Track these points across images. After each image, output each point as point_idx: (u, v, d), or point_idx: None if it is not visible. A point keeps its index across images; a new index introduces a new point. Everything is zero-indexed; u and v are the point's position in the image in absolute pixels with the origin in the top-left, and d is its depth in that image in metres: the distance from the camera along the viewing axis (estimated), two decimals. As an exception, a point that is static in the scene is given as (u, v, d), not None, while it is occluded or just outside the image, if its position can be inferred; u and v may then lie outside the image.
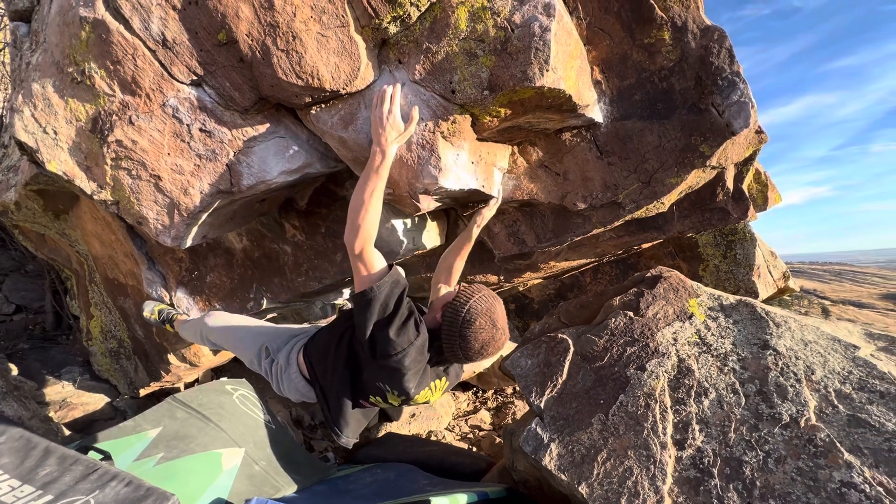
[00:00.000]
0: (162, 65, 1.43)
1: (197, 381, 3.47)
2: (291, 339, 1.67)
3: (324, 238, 2.07)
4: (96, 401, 2.91)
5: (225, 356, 2.94)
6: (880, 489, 1.61)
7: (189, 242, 1.73)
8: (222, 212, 1.74)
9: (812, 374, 1.99)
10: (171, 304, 2.32)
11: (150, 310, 2.24)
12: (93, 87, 1.46)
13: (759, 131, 1.82)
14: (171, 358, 2.65)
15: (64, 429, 2.64)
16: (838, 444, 1.76)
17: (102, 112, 1.48)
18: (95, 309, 2.89)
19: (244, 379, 2.93)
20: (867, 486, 1.63)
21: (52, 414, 2.71)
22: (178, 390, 3.11)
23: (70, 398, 2.85)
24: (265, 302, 2.21)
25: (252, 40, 1.37)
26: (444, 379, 1.54)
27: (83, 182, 1.56)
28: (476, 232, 1.78)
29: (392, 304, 1.30)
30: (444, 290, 1.60)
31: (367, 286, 1.30)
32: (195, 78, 1.45)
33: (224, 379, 2.85)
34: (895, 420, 1.76)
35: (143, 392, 2.93)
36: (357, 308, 1.35)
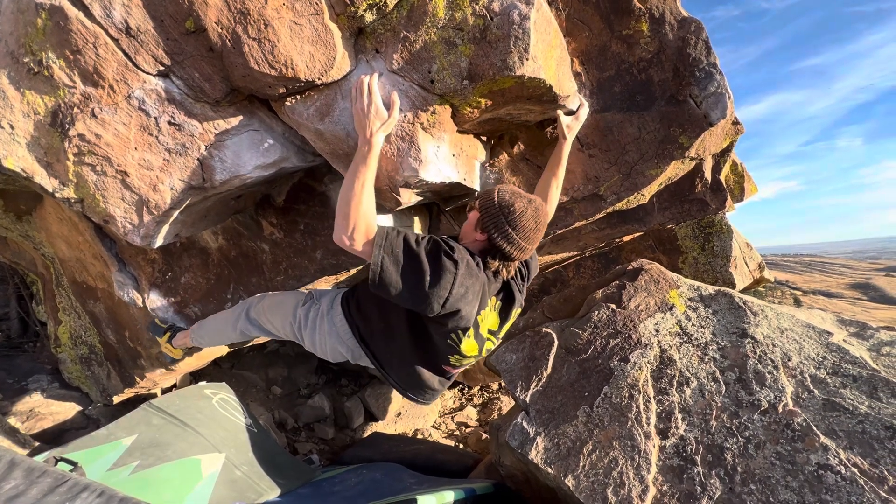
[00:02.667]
0: (126, 54, 1.36)
1: (174, 385, 3.37)
2: (336, 290, 1.67)
3: (303, 235, 2.02)
4: (67, 410, 2.79)
5: (204, 359, 2.86)
6: (855, 470, 1.66)
7: (160, 242, 1.66)
8: (195, 209, 1.68)
9: (788, 360, 2.04)
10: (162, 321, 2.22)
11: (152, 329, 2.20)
12: (51, 78, 1.38)
13: (736, 122, 1.84)
14: (146, 363, 2.55)
15: (32, 440, 2.52)
16: (815, 428, 1.80)
17: (63, 105, 1.40)
18: (63, 314, 2.77)
19: (224, 382, 2.85)
20: (842, 467, 1.67)
21: (18, 425, 2.59)
22: (154, 396, 3.00)
23: (38, 408, 2.72)
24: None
25: (222, 28, 1.31)
26: (496, 301, 1.49)
27: (43, 179, 1.48)
28: (567, 146, 1.69)
29: (406, 261, 1.25)
30: None
31: (372, 271, 1.25)
32: (162, 68, 1.39)
33: (203, 383, 2.77)
34: (867, 403, 1.82)
35: (116, 399, 2.82)
36: (383, 294, 1.30)
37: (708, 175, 1.98)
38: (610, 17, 1.67)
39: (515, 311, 1.55)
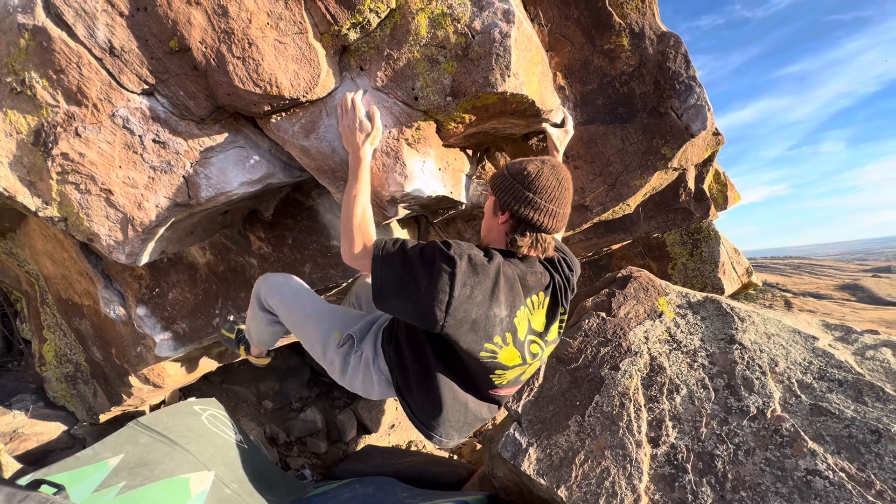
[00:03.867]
0: (110, 73, 1.36)
1: (163, 402, 3.32)
2: (372, 325, 1.44)
3: (291, 249, 2.02)
4: (52, 430, 2.73)
5: (193, 375, 2.82)
6: (843, 475, 1.67)
7: (146, 259, 1.65)
8: (181, 225, 1.67)
9: (776, 366, 2.06)
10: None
11: (227, 328, 2.08)
12: (34, 97, 1.38)
13: (717, 133, 1.88)
14: (133, 380, 2.52)
15: (15, 462, 2.46)
16: (802, 434, 1.82)
17: (46, 124, 1.40)
18: (48, 332, 2.72)
19: (214, 398, 2.81)
20: (831, 472, 1.69)
21: (1, 447, 2.53)
22: (142, 413, 2.96)
23: (22, 428, 2.67)
24: (232, 318, 2.13)
25: (206, 47, 1.32)
26: (545, 297, 1.28)
27: (26, 198, 1.47)
28: (559, 158, 1.63)
29: (402, 269, 1.12)
30: None
31: (374, 285, 1.14)
32: (146, 87, 1.39)
33: (192, 399, 2.73)
34: (853, 407, 1.84)
35: (103, 418, 2.77)
36: (387, 309, 1.20)
37: (691, 185, 2.01)
38: (591, 33, 1.71)
39: (561, 311, 1.33)
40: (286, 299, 1.55)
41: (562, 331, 1.37)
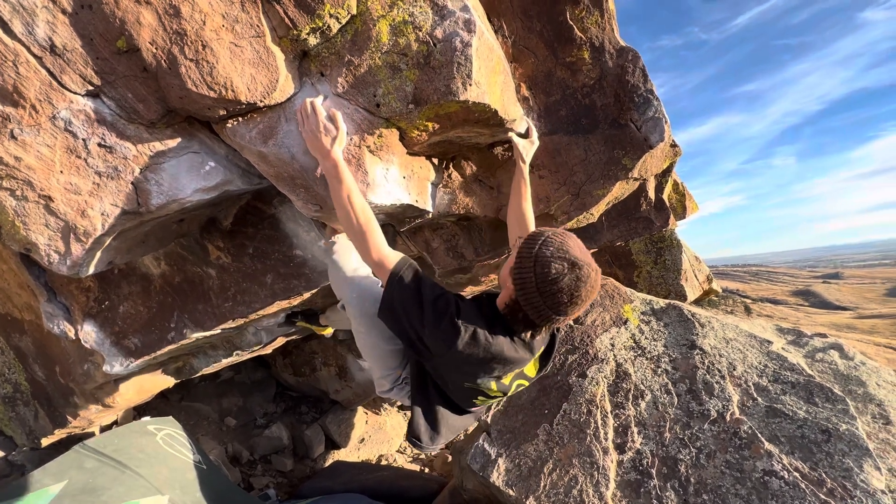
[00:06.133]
0: (50, 73, 1.28)
1: (115, 423, 3.12)
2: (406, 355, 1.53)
3: (252, 259, 1.94)
4: (-14, 456, 2.52)
5: (148, 393, 2.67)
6: (797, 474, 1.73)
7: (91, 270, 1.55)
8: (130, 234, 1.58)
9: (734, 369, 2.13)
10: None
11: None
12: (-35, 97, 1.28)
13: (674, 145, 1.95)
14: (79, 400, 2.36)
15: (-58, 494, 2.24)
16: (759, 435, 1.87)
17: (-23, 126, 1.30)
18: (-15, 350, 2.52)
19: (171, 417, 2.67)
20: (786, 472, 1.75)
21: (-74, 477, 2.31)
22: (90, 436, 2.77)
23: (-48, 456, 2.45)
24: (188, 331, 2.03)
25: (157, 49, 1.26)
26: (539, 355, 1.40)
27: (-46, 205, 1.35)
28: (526, 168, 1.64)
29: (413, 298, 1.20)
30: None
31: (384, 300, 1.24)
32: (91, 88, 1.32)
33: (146, 418, 2.58)
34: (805, 408, 1.91)
35: (45, 442, 2.57)
36: (387, 321, 1.28)
37: (652, 194, 2.07)
38: (554, 45, 1.74)
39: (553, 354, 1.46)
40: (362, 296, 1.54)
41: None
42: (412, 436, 1.39)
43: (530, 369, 1.40)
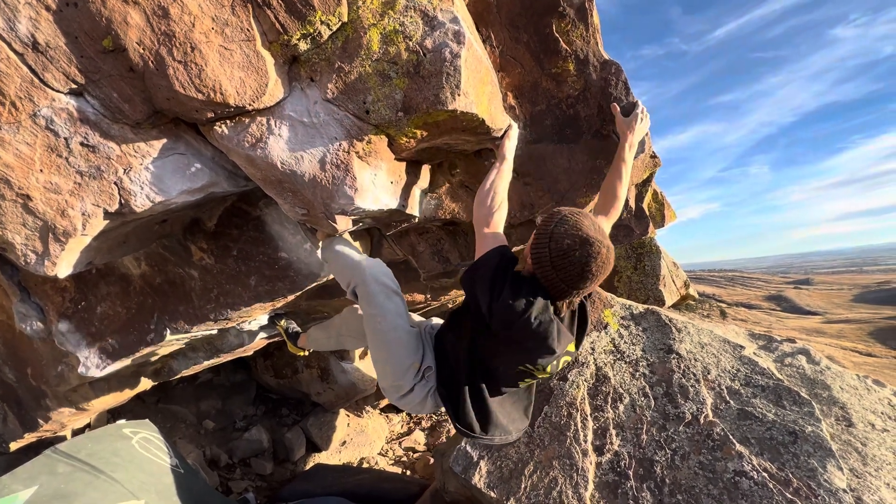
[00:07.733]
0: (32, 70, 1.26)
1: (88, 426, 3.04)
2: (427, 348, 1.54)
3: (236, 261, 1.93)
4: (-50, 462, 2.42)
5: (124, 395, 2.61)
6: (765, 475, 1.81)
7: (68, 270, 1.52)
8: (112, 235, 1.55)
9: (708, 373, 2.21)
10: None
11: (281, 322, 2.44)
12: (-60, 92, 1.24)
13: (654, 156, 2.01)
14: (52, 403, 2.29)
15: None
16: (731, 437, 1.95)
17: (-47, 121, 1.26)
18: (-49, 350, 2.42)
19: (147, 420, 2.61)
20: (755, 473, 1.82)
21: None
22: (62, 440, 2.69)
23: (-87, 462, 2.34)
24: (168, 333, 2.00)
25: (144, 49, 1.25)
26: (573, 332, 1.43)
27: (-74, 202, 1.31)
28: (628, 148, 1.63)
29: (497, 274, 1.24)
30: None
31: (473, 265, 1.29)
32: (75, 86, 1.30)
33: (122, 421, 2.52)
34: (774, 411, 2.00)
35: (14, 446, 2.49)
36: (465, 284, 1.31)
37: (632, 203, 2.14)
38: (540, 57, 1.78)
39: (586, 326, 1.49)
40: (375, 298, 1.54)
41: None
42: (462, 425, 1.40)
43: (571, 346, 1.42)
